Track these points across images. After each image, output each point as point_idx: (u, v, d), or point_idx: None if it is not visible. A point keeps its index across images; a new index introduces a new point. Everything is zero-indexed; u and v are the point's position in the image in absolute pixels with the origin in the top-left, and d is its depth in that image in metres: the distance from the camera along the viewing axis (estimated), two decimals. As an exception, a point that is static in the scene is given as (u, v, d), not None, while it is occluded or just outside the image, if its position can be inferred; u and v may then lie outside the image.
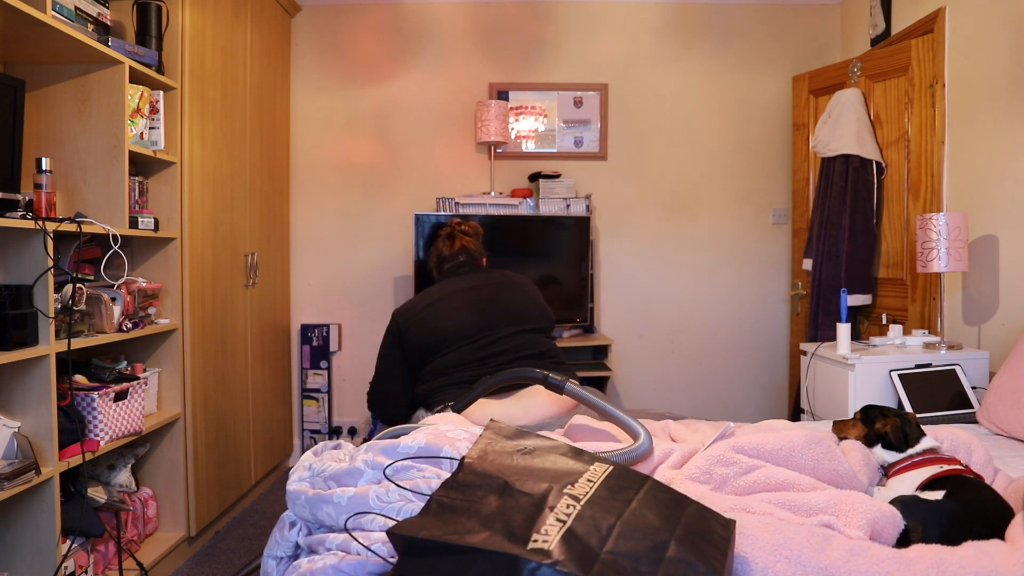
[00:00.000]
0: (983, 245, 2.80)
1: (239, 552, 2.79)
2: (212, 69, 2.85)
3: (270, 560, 1.28)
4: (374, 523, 1.14)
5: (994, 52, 2.73)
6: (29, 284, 1.94)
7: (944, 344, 2.70)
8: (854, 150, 3.28)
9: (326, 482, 1.26)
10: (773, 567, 1.07)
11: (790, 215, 4.06)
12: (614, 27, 4.01)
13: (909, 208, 3.19)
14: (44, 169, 2.05)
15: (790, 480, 1.40)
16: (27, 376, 1.96)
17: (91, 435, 2.14)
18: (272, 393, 3.61)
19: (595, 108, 4.02)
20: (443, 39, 3.99)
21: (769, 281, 4.10)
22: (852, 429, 1.72)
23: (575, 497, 1.00)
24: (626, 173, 4.04)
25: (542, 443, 1.18)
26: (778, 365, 4.12)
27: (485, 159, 3.98)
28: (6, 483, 1.79)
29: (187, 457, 2.68)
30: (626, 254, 4.06)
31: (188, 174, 2.68)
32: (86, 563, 2.18)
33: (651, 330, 4.09)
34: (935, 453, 1.57)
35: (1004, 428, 2.16)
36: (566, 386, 1.80)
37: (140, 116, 2.42)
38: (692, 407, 4.06)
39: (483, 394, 1.96)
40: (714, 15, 4.02)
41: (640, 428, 1.58)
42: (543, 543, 0.88)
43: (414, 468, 1.24)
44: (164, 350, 2.63)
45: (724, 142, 4.05)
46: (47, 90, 2.30)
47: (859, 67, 3.44)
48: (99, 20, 2.27)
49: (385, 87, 3.97)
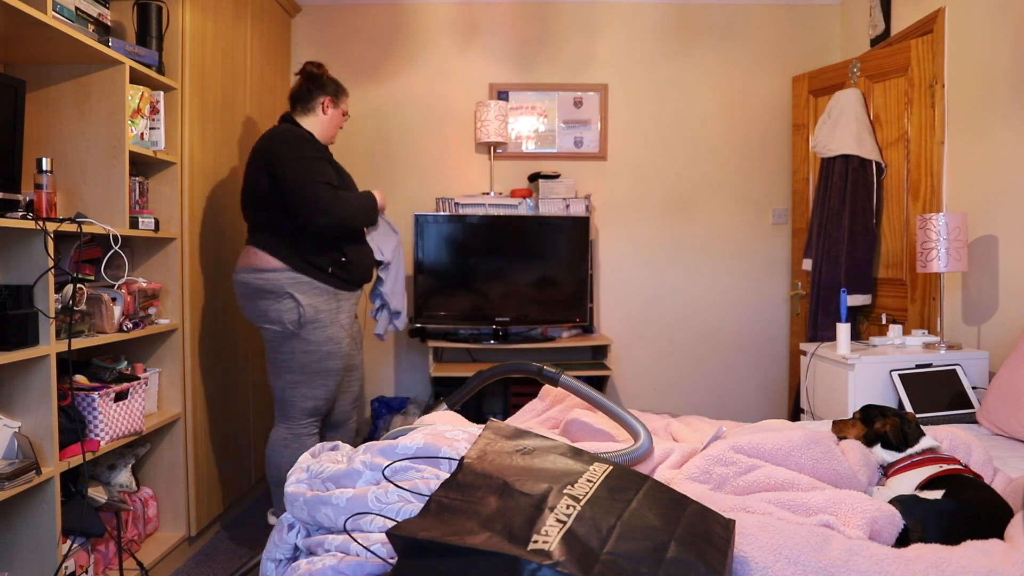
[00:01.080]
0: (983, 245, 2.80)
1: (239, 552, 2.79)
2: (212, 69, 2.86)
3: (269, 563, 1.28)
4: (373, 524, 1.14)
5: (994, 52, 2.73)
6: (30, 284, 1.94)
7: (944, 344, 2.70)
8: (854, 150, 3.28)
9: (324, 484, 1.26)
10: (773, 567, 1.07)
11: (790, 215, 4.06)
12: (614, 27, 4.01)
13: (909, 208, 3.19)
14: (44, 169, 2.05)
15: (789, 480, 1.40)
16: (28, 376, 1.96)
17: (91, 435, 2.14)
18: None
19: (595, 108, 4.02)
20: (443, 39, 3.99)
21: (769, 281, 4.10)
22: (851, 429, 1.72)
23: (575, 498, 1.00)
24: (626, 173, 4.04)
25: (542, 443, 1.18)
26: (778, 365, 4.12)
27: (485, 159, 3.99)
28: (7, 483, 1.79)
29: (187, 457, 2.68)
30: (626, 254, 4.06)
31: (188, 174, 2.68)
32: (86, 563, 2.18)
33: (651, 330, 4.09)
34: (934, 453, 1.58)
35: (1004, 428, 2.16)
36: (561, 379, 1.80)
37: (140, 116, 2.42)
38: (692, 407, 4.06)
39: (478, 388, 1.97)
40: (714, 15, 4.02)
41: (640, 428, 1.58)
42: (543, 544, 0.88)
43: (413, 469, 1.24)
44: (164, 350, 2.64)
45: (724, 142, 4.06)
46: (47, 90, 2.30)
47: (859, 67, 3.44)
48: (99, 20, 2.27)
49: (385, 87, 3.97)
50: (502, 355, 3.71)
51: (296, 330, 2.49)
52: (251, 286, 2.51)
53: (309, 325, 2.50)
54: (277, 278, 2.48)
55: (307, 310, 2.49)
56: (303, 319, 2.49)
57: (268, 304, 2.50)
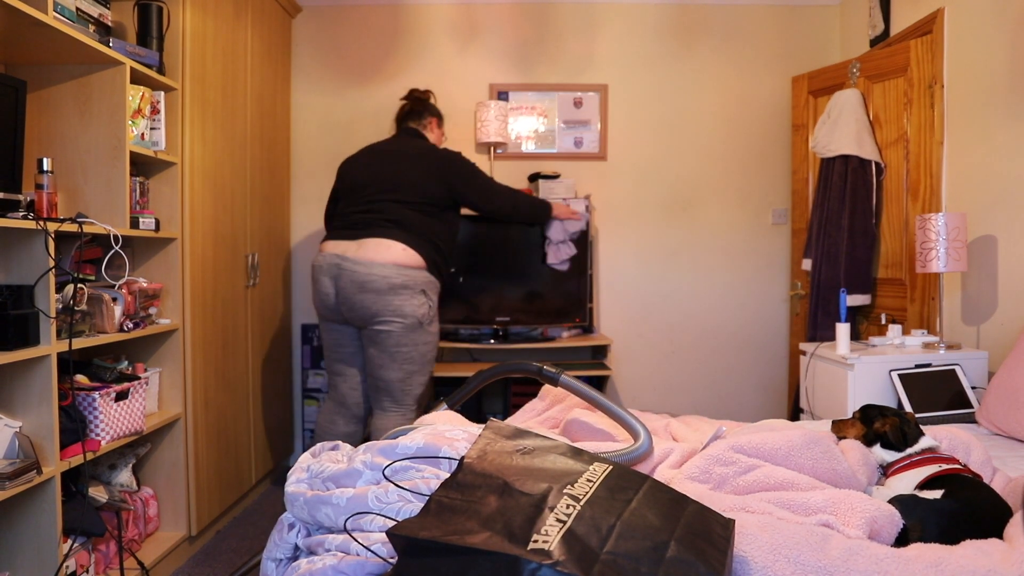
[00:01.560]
0: (982, 245, 2.80)
1: (240, 552, 2.79)
2: (213, 70, 2.86)
3: (269, 562, 1.29)
4: (373, 524, 1.14)
5: (993, 52, 2.74)
6: (30, 284, 1.94)
7: (943, 344, 2.70)
8: (853, 150, 3.28)
9: (324, 483, 1.26)
10: (772, 566, 1.07)
11: (789, 215, 4.06)
12: (614, 27, 4.01)
13: (908, 208, 3.20)
14: (45, 170, 2.05)
15: (789, 480, 1.40)
16: (28, 376, 1.97)
17: (92, 435, 2.15)
18: (273, 393, 3.62)
19: (595, 108, 4.02)
20: (443, 39, 3.99)
21: (768, 281, 4.10)
22: (851, 428, 1.73)
23: (575, 497, 1.00)
24: (626, 173, 4.04)
25: (542, 443, 1.19)
26: (777, 365, 4.12)
27: (485, 159, 3.99)
28: (7, 483, 1.79)
29: (188, 457, 2.68)
30: (626, 254, 4.07)
31: (189, 174, 2.68)
32: (87, 562, 2.18)
33: (650, 330, 4.09)
34: (934, 452, 1.58)
35: (1003, 428, 2.17)
36: (561, 379, 1.80)
37: (141, 117, 2.42)
38: (692, 407, 4.06)
39: (478, 388, 1.97)
40: (714, 15, 4.02)
41: (640, 427, 1.58)
42: (543, 543, 0.88)
43: (413, 468, 1.24)
44: (165, 350, 2.64)
45: (724, 142, 4.06)
46: (48, 91, 2.31)
47: (858, 68, 3.44)
48: (100, 21, 2.28)
49: (385, 88, 3.97)
50: (502, 355, 3.71)
51: (425, 324, 2.77)
52: (392, 281, 2.70)
53: (433, 320, 2.83)
54: (417, 276, 2.74)
55: (433, 306, 2.81)
56: (431, 314, 2.80)
57: (404, 299, 2.71)
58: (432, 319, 2.81)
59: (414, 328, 2.73)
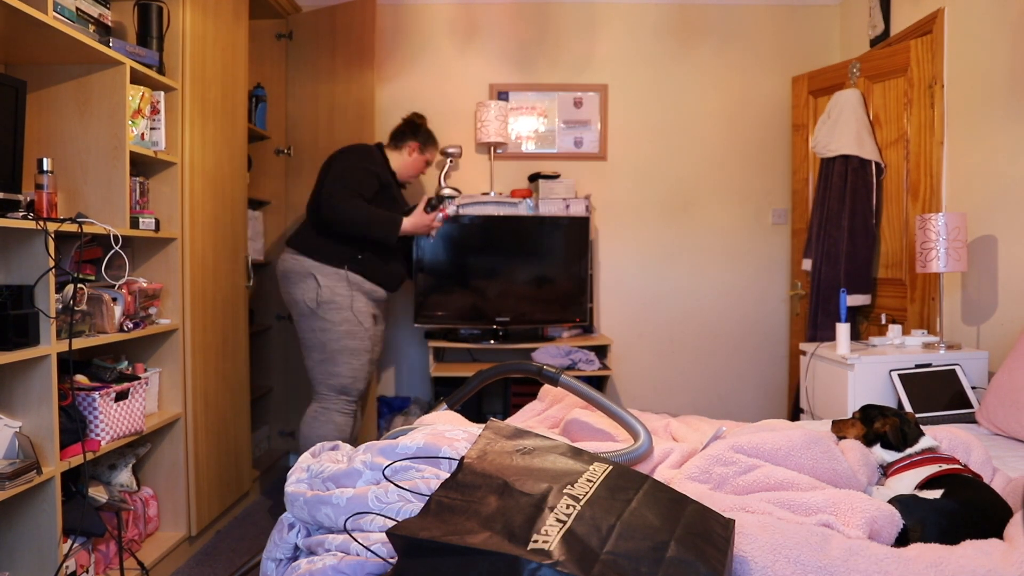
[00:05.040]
0: (982, 245, 2.80)
1: (240, 551, 2.79)
2: (213, 70, 2.86)
3: (269, 563, 1.29)
4: (373, 524, 1.14)
5: (993, 53, 2.74)
6: (30, 284, 1.94)
7: (943, 344, 2.70)
8: (853, 150, 3.28)
9: (324, 483, 1.26)
10: (772, 567, 1.07)
11: (789, 215, 4.06)
12: (614, 27, 4.01)
13: (908, 208, 3.19)
14: (45, 170, 2.05)
15: (789, 480, 1.40)
16: (28, 376, 1.97)
17: (92, 435, 2.15)
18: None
19: (595, 108, 4.02)
20: (443, 39, 3.99)
21: (769, 281, 4.10)
22: (851, 428, 1.73)
23: (575, 497, 1.00)
24: (626, 173, 4.04)
25: (541, 443, 1.19)
26: (778, 365, 4.12)
27: (485, 159, 3.99)
28: (7, 483, 1.79)
29: (188, 457, 2.68)
30: (626, 254, 4.07)
31: (189, 174, 2.68)
32: (87, 563, 2.18)
33: (650, 330, 4.09)
34: (934, 452, 1.58)
35: (1003, 428, 2.17)
36: (561, 379, 1.80)
37: (141, 117, 2.42)
38: (692, 407, 4.06)
39: (478, 388, 1.97)
40: (714, 15, 4.02)
41: (640, 427, 1.58)
42: (543, 544, 0.88)
43: (413, 468, 1.24)
44: (165, 350, 2.64)
45: (724, 142, 4.06)
46: (48, 91, 2.31)
47: (858, 68, 3.44)
48: (100, 21, 2.28)
49: (385, 88, 3.97)
50: (502, 355, 3.71)
51: (315, 308, 2.82)
52: (284, 266, 2.90)
53: (325, 305, 2.82)
54: (304, 261, 2.85)
55: (324, 291, 2.82)
56: (320, 299, 2.81)
57: (293, 285, 2.86)
58: (329, 304, 2.83)
59: (307, 314, 2.86)
